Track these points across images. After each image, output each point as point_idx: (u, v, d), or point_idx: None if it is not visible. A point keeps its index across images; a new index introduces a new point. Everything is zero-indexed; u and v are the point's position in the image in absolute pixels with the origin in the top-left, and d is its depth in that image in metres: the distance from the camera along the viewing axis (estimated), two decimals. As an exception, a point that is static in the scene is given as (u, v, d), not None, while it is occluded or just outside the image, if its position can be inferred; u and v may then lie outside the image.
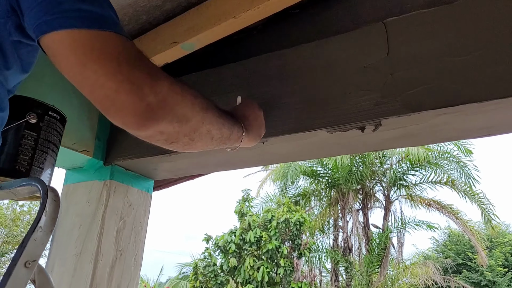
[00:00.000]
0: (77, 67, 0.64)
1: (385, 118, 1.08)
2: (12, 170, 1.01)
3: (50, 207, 0.81)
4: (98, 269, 1.47)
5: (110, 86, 0.64)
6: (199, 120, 0.80)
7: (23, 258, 0.74)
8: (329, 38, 1.23)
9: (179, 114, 0.74)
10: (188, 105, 0.76)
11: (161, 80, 0.70)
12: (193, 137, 0.81)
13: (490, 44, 0.99)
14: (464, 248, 18.70)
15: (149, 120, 0.69)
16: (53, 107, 1.15)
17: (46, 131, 1.11)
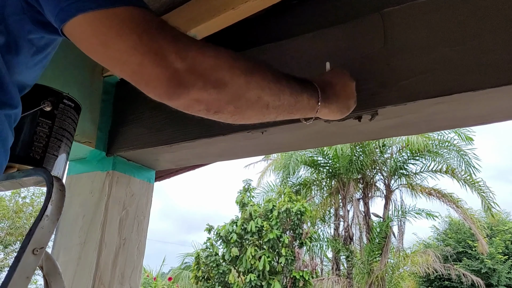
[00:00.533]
0: (100, 48, 0.64)
1: (382, 108, 1.10)
2: (26, 157, 1.02)
3: (56, 196, 0.83)
4: (102, 257, 1.50)
5: (134, 61, 0.63)
6: (242, 84, 0.72)
7: (31, 246, 0.77)
8: (327, 29, 1.25)
9: (214, 79, 0.68)
10: (224, 68, 0.70)
11: (187, 44, 0.67)
12: (239, 105, 0.73)
13: (484, 33, 1.01)
14: (465, 236, 18.81)
15: (179, 88, 0.66)
16: (67, 95, 1.16)
17: (60, 119, 1.12)
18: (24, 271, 0.75)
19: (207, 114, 0.73)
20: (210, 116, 0.74)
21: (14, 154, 1.02)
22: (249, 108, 0.75)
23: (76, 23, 0.63)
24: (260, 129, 1.28)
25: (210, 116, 0.74)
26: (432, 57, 1.06)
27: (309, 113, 0.89)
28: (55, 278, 0.83)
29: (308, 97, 0.86)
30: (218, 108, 0.72)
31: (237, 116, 0.76)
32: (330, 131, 1.27)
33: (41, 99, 1.07)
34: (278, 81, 0.79)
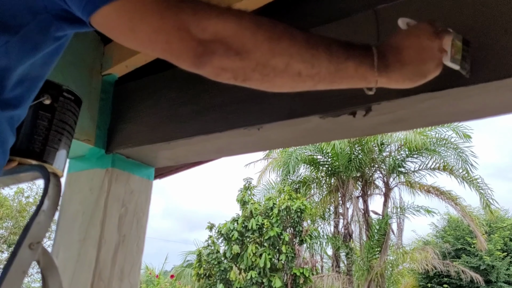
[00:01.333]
0: (129, 34, 0.68)
1: (376, 103, 1.12)
2: (26, 150, 1.03)
3: (52, 192, 0.85)
4: (102, 254, 1.52)
5: (161, 40, 0.67)
6: (266, 51, 0.70)
7: (27, 240, 0.79)
8: (321, 26, 1.26)
9: (236, 46, 0.68)
10: (246, 34, 0.69)
11: (207, 14, 0.68)
12: (265, 72, 0.71)
13: (474, 29, 1.02)
14: (463, 233, 18.84)
15: (202, 57, 0.67)
16: (67, 88, 1.17)
17: (60, 112, 1.13)
18: (20, 265, 0.77)
19: (236, 82, 0.73)
20: (240, 83, 0.73)
21: (14, 148, 1.03)
22: (277, 76, 0.72)
23: (102, 14, 0.66)
24: (256, 126, 1.30)
25: (241, 83, 0.73)
26: (425, 54, 1.08)
27: (361, 83, 0.80)
28: (51, 272, 0.85)
29: (355, 65, 0.76)
30: (245, 76, 0.72)
31: (267, 83, 0.74)
32: (325, 128, 1.28)
33: (40, 92, 1.07)
34: (313, 47, 0.74)
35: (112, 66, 1.65)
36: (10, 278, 0.73)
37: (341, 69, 0.75)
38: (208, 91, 1.43)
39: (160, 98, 1.56)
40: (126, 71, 1.66)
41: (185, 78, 1.52)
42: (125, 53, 1.60)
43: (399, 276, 14.78)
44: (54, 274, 0.84)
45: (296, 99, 1.24)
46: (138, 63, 1.58)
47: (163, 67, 1.60)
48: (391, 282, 13.79)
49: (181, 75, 1.54)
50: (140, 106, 1.61)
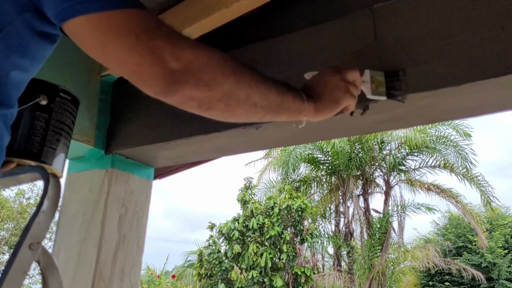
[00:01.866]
0: (100, 47, 0.68)
1: (373, 102, 1.12)
2: (24, 151, 1.03)
3: (52, 192, 0.86)
4: (102, 253, 1.52)
5: (132, 61, 0.67)
6: (233, 83, 0.76)
7: (27, 241, 0.79)
8: (319, 26, 1.27)
9: (206, 78, 0.72)
10: (216, 68, 0.74)
11: (182, 44, 0.70)
12: (229, 102, 0.77)
13: (472, 27, 1.03)
14: (465, 231, 18.83)
15: (173, 86, 0.69)
16: (63, 88, 1.17)
17: (57, 112, 1.12)
18: (21, 265, 0.77)
19: (199, 111, 0.77)
20: (202, 112, 0.78)
21: (12, 149, 1.03)
22: (238, 106, 0.79)
23: (76, 23, 0.66)
24: (254, 125, 1.30)
25: (202, 113, 0.78)
26: (421, 51, 1.08)
27: (296, 115, 0.91)
28: (52, 272, 0.85)
29: (293, 97, 0.89)
30: (209, 105, 0.76)
31: (227, 113, 0.80)
32: (323, 126, 1.29)
33: (37, 93, 1.07)
34: (265, 82, 0.83)
35: (111, 67, 1.66)
36: (11, 278, 0.74)
37: (285, 100, 0.87)
38: (206, 91, 1.44)
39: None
40: (124, 71, 1.66)
41: (183, 78, 1.53)
42: (123, 53, 1.60)
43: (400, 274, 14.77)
44: (55, 274, 0.85)
45: (294, 98, 1.25)
46: (137, 63, 1.59)
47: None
48: (393, 281, 13.78)
49: (180, 75, 1.54)
50: (138, 107, 1.62)
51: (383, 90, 1.06)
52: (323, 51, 1.24)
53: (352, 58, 1.18)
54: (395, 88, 1.07)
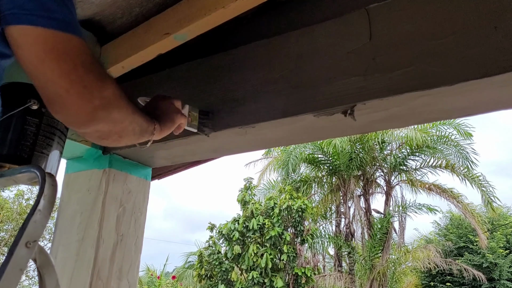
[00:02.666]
0: (36, 61, 0.68)
1: (368, 101, 1.13)
2: (13, 156, 1.03)
3: (48, 191, 0.86)
4: (100, 253, 1.53)
5: (62, 85, 0.69)
6: (130, 121, 0.88)
7: (24, 239, 0.80)
8: (315, 26, 1.27)
9: (117, 117, 0.81)
10: (124, 109, 0.83)
11: (108, 85, 0.76)
12: (121, 134, 0.88)
13: (465, 27, 1.03)
14: (466, 231, 18.80)
15: (92, 121, 0.76)
16: None
17: (48, 117, 1.11)
18: (17, 263, 0.78)
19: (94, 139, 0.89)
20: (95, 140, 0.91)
21: (2, 154, 1.02)
22: (126, 136, 0.91)
23: (22, 30, 0.67)
24: (250, 125, 1.31)
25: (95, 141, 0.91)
26: (416, 51, 1.09)
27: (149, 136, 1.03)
28: (48, 270, 0.86)
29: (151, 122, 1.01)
30: (107, 137, 0.86)
31: (115, 142, 0.91)
32: (319, 126, 1.29)
33: (27, 98, 1.06)
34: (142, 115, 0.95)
35: (108, 67, 1.66)
36: (8, 275, 0.74)
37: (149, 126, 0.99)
38: (203, 91, 1.45)
39: (157, 99, 1.57)
40: (122, 71, 1.67)
41: (180, 78, 1.54)
42: (121, 54, 1.61)
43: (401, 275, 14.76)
44: (51, 271, 0.86)
45: (290, 98, 1.25)
46: (134, 64, 1.59)
47: (159, 67, 1.62)
48: (394, 281, 13.77)
49: (177, 76, 1.55)
50: (137, 107, 1.63)
51: (195, 124, 1.31)
52: (318, 51, 1.25)
53: (347, 58, 1.19)
54: (204, 125, 1.34)
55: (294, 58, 1.28)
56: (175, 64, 1.57)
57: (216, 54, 1.48)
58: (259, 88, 1.32)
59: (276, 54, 1.32)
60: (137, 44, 1.54)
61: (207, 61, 1.49)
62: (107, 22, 1.59)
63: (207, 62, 1.49)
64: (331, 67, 1.21)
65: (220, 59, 1.46)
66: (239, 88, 1.37)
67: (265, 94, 1.30)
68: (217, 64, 1.46)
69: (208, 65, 1.48)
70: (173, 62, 1.58)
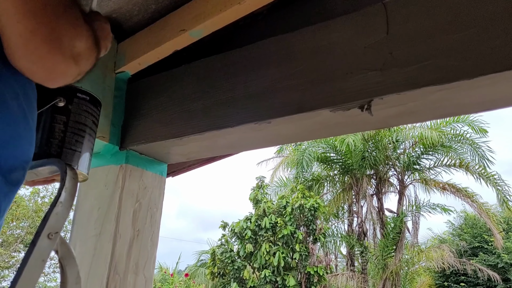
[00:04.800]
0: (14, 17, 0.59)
1: (386, 96, 1.12)
2: (43, 154, 1.03)
3: (69, 184, 0.88)
4: (117, 248, 1.55)
5: (26, 25, 0.59)
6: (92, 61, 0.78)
7: (46, 230, 0.81)
8: (331, 20, 1.27)
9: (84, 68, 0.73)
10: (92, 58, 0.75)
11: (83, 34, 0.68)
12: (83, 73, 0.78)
13: (484, 20, 1.02)
14: (480, 231, 18.57)
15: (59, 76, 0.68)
16: (80, 88, 1.17)
17: (76, 113, 1.12)
18: (39, 254, 0.80)
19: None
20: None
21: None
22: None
23: None
24: (266, 120, 1.31)
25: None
26: (434, 45, 1.08)
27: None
28: (69, 262, 0.88)
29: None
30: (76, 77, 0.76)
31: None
32: (335, 121, 1.29)
33: (54, 95, 1.07)
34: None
35: (125, 64, 1.68)
36: (31, 266, 0.76)
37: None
38: (219, 87, 1.45)
39: (172, 95, 1.59)
40: (139, 68, 1.69)
41: (196, 74, 1.55)
42: (137, 50, 1.63)
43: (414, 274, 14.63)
44: (72, 263, 0.87)
45: (306, 93, 1.25)
46: (151, 60, 1.61)
47: (174, 64, 1.63)
48: (407, 281, 13.66)
49: (192, 72, 1.56)
50: (152, 103, 1.64)
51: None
52: (334, 46, 1.24)
53: (364, 53, 1.19)
54: None
55: (310, 54, 1.28)
56: (191, 61, 1.58)
57: (231, 51, 1.48)
58: (275, 84, 1.32)
59: (292, 49, 1.32)
60: (153, 41, 1.56)
61: (222, 57, 1.50)
62: (124, 19, 1.61)
63: (222, 58, 1.50)
64: (347, 62, 1.20)
65: (235, 55, 1.46)
66: (255, 84, 1.37)
67: (281, 90, 1.30)
68: (232, 60, 1.47)
69: (223, 61, 1.49)
70: (189, 59, 1.60)
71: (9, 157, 0.67)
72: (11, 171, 0.68)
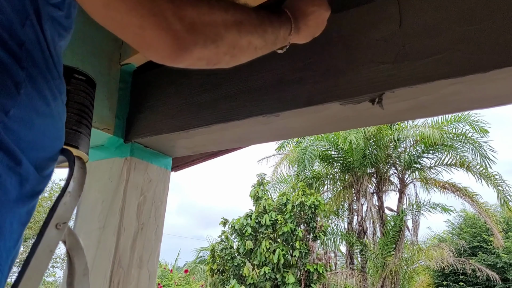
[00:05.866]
0: (102, 9, 0.62)
1: (397, 89, 1.10)
2: None
3: (77, 174, 0.86)
4: (121, 241, 1.53)
5: (134, 23, 0.62)
6: (235, 34, 0.75)
7: (54, 220, 0.80)
8: (342, 12, 1.25)
9: (212, 35, 0.70)
10: (219, 22, 0.71)
11: (183, 2, 0.67)
12: (234, 53, 0.77)
13: (500, 12, 1.00)
14: (480, 230, 18.58)
15: (182, 50, 0.66)
16: (77, 69, 1.15)
17: (74, 94, 1.11)
18: (47, 244, 0.78)
19: (206, 67, 0.76)
20: (209, 67, 0.77)
21: None
22: (242, 54, 0.80)
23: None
24: (274, 113, 1.29)
25: (209, 67, 0.77)
26: (448, 38, 1.06)
27: (283, 44, 0.93)
28: (77, 253, 0.86)
29: (284, 31, 0.90)
30: (217, 61, 0.76)
31: (231, 63, 0.80)
32: (344, 115, 1.27)
33: None
34: (262, 23, 0.82)
35: (131, 56, 1.67)
36: (38, 256, 0.75)
37: (278, 37, 0.88)
38: (226, 79, 1.44)
39: (178, 87, 1.57)
40: (144, 60, 1.67)
41: (203, 67, 1.53)
42: (143, 43, 1.61)
43: (414, 273, 14.65)
44: (80, 254, 0.86)
45: (315, 86, 1.23)
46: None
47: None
48: (406, 280, 13.68)
49: (200, 64, 1.54)
50: (158, 96, 1.62)
51: None
52: (346, 38, 1.22)
53: (375, 46, 1.17)
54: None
55: (321, 46, 1.26)
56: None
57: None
58: (284, 77, 1.30)
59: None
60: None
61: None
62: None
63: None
64: (358, 55, 1.18)
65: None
66: (263, 76, 1.35)
67: (290, 83, 1.29)
68: (240, 53, 1.45)
69: (231, 54, 1.47)
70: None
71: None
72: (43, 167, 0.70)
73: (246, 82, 1.39)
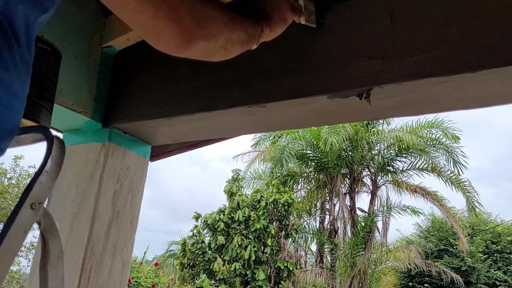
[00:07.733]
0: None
1: (386, 85, 1.10)
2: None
3: (56, 153, 0.82)
4: (95, 228, 1.48)
5: (148, 12, 0.66)
6: (229, 30, 0.82)
7: (29, 200, 0.75)
8: (333, 5, 1.24)
9: (214, 31, 0.77)
10: (219, 19, 0.78)
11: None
12: (227, 47, 0.84)
13: (489, 13, 1.01)
14: (447, 234, 19.08)
15: (189, 42, 0.72)
16: (41, 38, 1.07)
17: (35, 63, 1.01)
18: (21, 224, 0.74)
19: (201, 58, 0.84)
20: (203, 59, 0.85)
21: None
22: (233, 48, 0.86)
23: None
24: (260, 104, 1.27)
25: (203, 59, 0.85)
26: (439, 36, 1.06)
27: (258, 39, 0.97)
28: (52, 235, 0.82)
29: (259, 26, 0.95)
30: (212, 53, 0.83)
31: (223, 56, 0.87)
32: (332, 109, 1.26)
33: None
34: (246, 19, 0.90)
35: (113, 39, 1.61)
36: (11, 236, 0.70)
37: (256, 31, 0.93)
38: (212, 67, 1.40)
39: (162, 74, 1.53)
40: (127, 44, 1.62)
41: (189, 53, 1.49)
42: (126, 25, 1.55)
43: (381, 274, 14.93)
44: (55, 236, 0.82)
45: (303, 79, 1.22)
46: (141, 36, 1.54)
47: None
48: (374, 280, 13.93)
49: (185, 51, 1.51)
50: (140, 81, 1.58)
51: (313, 19, 1.18)
52: (336, 31, 1.21)
53: (366, 40, 1.16)
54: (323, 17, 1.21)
55: (310, 38, 1.24)
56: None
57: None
58: (272, 67, 1.28)
59: (291, 32, 1.28)
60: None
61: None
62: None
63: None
64: (348, 49, 1.17)
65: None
66: (250, 66, 1.33)
67: (278, 74, 1.27)
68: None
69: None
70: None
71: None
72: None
73: (233, 71, 1.36)
